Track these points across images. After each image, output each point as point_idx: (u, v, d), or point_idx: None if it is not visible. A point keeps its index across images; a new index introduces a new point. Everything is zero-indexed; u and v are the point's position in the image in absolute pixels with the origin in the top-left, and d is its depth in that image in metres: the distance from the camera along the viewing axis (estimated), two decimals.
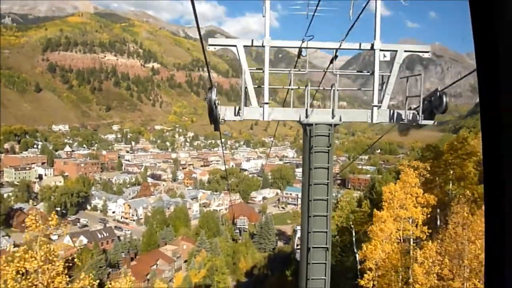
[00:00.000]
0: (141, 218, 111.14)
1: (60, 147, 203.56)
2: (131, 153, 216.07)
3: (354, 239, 29.89)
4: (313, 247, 6.49)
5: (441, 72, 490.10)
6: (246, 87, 6.60)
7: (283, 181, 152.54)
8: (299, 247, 8.91)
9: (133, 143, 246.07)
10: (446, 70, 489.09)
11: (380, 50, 6.59)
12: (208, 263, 65.08)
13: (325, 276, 6.56)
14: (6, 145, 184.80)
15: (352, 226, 30.99)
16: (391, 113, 6.73)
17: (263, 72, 6.75)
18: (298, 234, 9.51)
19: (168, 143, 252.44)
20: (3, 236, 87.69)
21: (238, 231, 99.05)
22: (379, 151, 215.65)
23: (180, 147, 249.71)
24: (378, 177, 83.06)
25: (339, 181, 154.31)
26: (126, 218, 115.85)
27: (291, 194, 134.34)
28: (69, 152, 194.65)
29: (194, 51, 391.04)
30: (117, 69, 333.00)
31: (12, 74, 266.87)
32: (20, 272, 8.95)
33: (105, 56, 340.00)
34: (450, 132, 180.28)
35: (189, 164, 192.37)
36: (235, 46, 6.54)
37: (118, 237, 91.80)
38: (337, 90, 6.64)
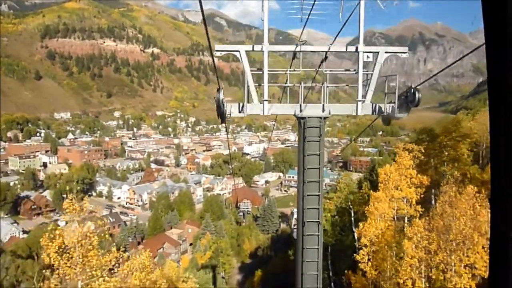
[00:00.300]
0: (146, 203, 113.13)
1: (63, 134, 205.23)
2: (133, 139, 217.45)
3: (353, 219, 31.14)
4: (307, 222, 7.68)
5: (443, 52, 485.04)
6: (248, 86, 7.65)
7: (285, 164, 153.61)
8: (295, 227, 10.13)
9: (135, 129, 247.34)
10: (449, 49, 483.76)
11: (364, 52, 7.61)
12: (213, 245, 66.57)
13: (318, 245, 7.76)
14: (9, 134, 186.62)
15: (351, 206, 32.24)
16: (373, 107, 7.80)
17: (263, 72, 7.78)
18: (295, 216, 10.78)
19: (170, 129, 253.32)
20: (11, 223, 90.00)
21: (241, 214, 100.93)
22: (380, 133, 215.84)
23: (182, 132, 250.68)
24: (379, 159, 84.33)
25: (340, 164, 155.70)
26: (131, 204, 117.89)
27: (293, 177, 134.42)
28: (72, 140, 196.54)
29: (194, 35, 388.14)
30: (116, 55, 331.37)
31: (11, 62, 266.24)
32: (61, 247, 10.55)
33: (104, 42, 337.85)
34: (450, 113, 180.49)
35: (192, 149, 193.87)
36: (238, 51, 7.57)
37: (124, 222, 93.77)
38: (327, 87, 7.72)
